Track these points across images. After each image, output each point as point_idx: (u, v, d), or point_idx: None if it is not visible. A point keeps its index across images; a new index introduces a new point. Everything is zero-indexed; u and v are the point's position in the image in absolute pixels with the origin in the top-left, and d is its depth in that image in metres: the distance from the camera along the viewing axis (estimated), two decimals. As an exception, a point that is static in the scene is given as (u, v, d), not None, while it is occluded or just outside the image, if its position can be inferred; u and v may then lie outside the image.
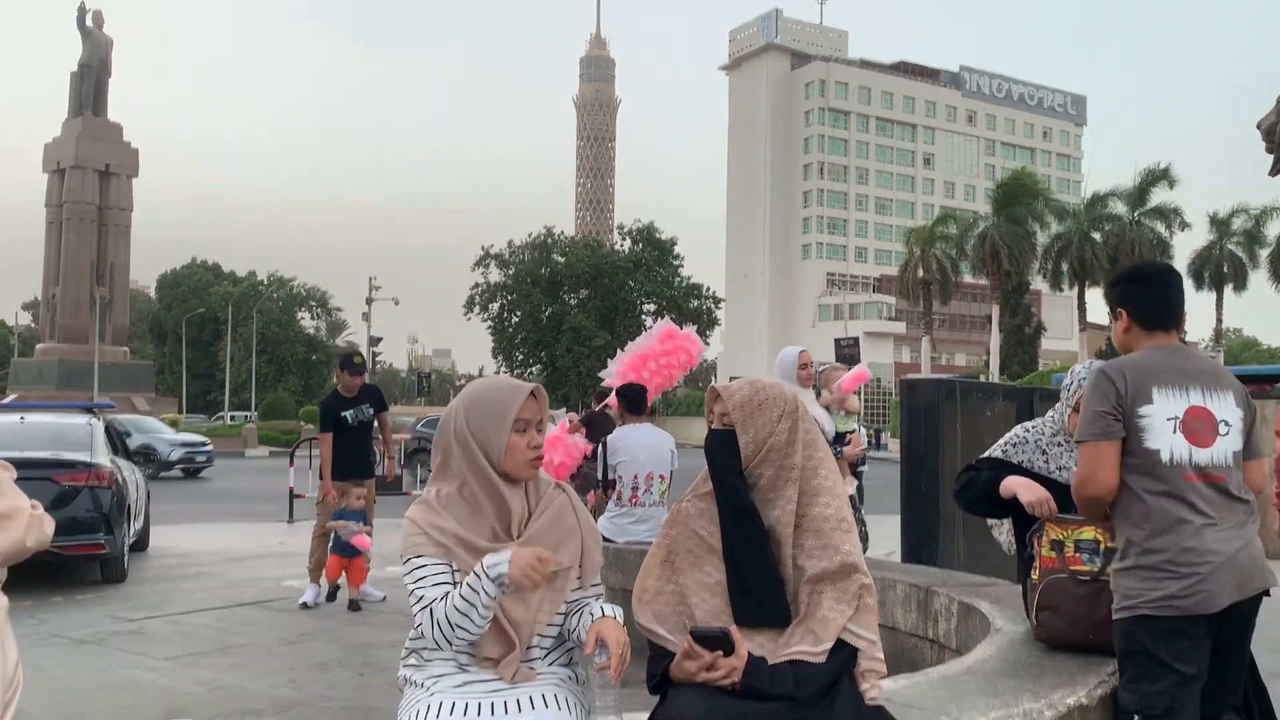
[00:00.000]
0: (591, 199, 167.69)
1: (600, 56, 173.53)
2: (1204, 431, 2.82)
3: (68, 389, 40.59)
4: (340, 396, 8.35)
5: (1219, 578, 2.74)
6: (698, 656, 2.21)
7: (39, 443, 9.25)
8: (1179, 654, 2.76)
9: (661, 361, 7.51)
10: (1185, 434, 2.82)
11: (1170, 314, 3.00)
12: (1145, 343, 2.99)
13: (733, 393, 2.40)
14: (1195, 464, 2.81)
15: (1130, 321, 3.04)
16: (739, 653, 2.20)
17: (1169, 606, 2.76)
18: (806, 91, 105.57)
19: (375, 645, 6.67)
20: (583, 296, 67.64)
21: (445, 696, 2.22)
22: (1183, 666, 2.76)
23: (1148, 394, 2.84)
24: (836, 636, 2.24)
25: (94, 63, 46.61)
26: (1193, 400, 2.84)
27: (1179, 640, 2.76)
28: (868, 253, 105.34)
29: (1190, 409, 2.84)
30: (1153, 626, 2.79)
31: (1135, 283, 3.07)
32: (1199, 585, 2.74)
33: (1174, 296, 3.02)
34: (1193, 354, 2.94)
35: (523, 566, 2.17)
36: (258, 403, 65.40)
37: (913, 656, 4.53)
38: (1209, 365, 2.93)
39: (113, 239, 46.14)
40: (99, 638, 6.88)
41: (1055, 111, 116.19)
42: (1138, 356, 2.94)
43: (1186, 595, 2.75)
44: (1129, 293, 3.05)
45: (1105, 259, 49.56)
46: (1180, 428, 2.82)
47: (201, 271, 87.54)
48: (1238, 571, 2.76)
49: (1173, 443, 2.81)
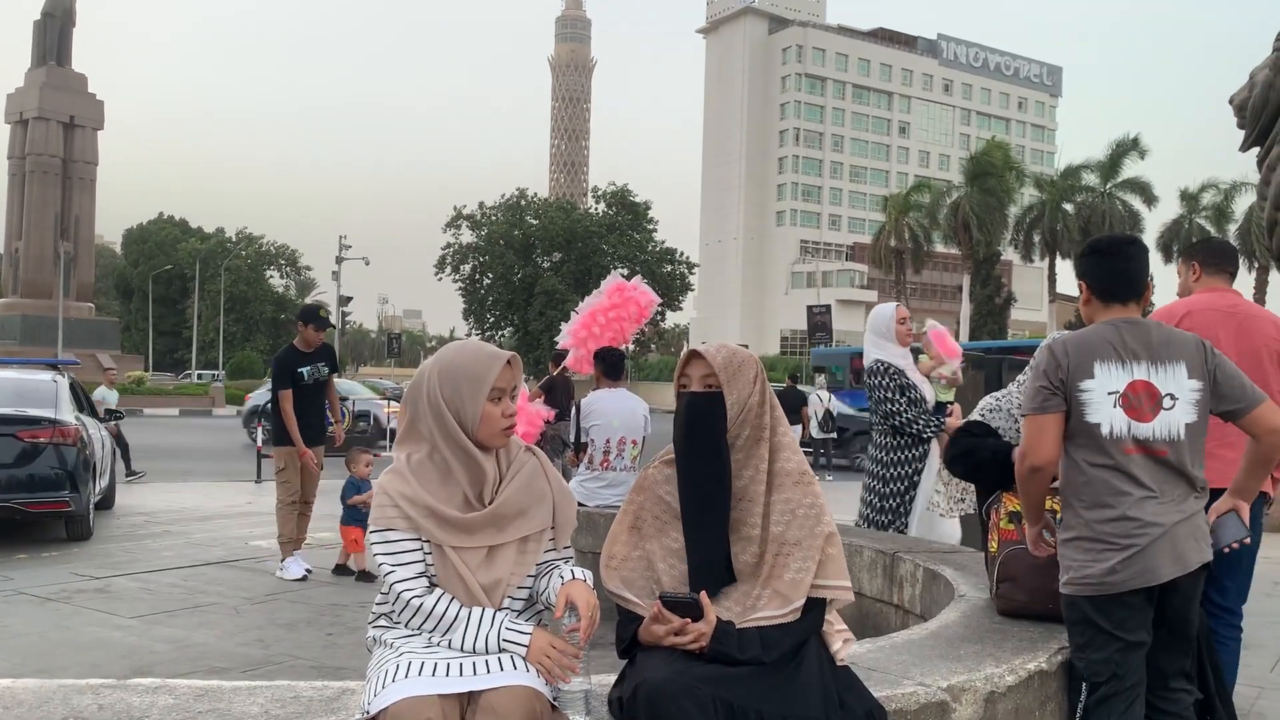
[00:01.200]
0: (566, 160, 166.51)
1: (576, 16, 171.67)
2: (1145, 406, 2.83)
3: (31, 345, 40.03)
4: (298, 352, 7.89)
5: (1158, 550, 2.78)
6: (666, 621, 2.22)
7: (2, 398, 9.13)
8: (1120, 623, 2.82)
9: (610, 315, 7.32)
10: (1125, 408, 2.84)
11: (1126, 286, 3.00)
12: (1102, 315, 3.01)
13: (714, 354, 2.38)
14: (1135, 437, 2.83)
15: (1089, 294, 3.07)
16: (708, 618, 2.22)
17: (1106, 583, 2.81)
18: (784, 57, 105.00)
19: (343, 606, 6.68)
20: (556, 260, 67.30)
21: (414, 657, 2.23)
22: (1124, 635, 2.82)
23: (1089, 369, 2.87)
24: (797, 600, 2.27)
25: (57, 11, 45.53)
26: (1136, 374, 2.85)
27: (1119, 610, 2.82)
28: (841, 221, 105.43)
29: (1132, 383, 2.85)
30: (1093, 599, 2.85)
31: (1094, 255, 3.09)
32: (1137, 557, 2.78)
33: (1132, 268, 3.02)
34: (1148, 326, 2.94)
35: (539, 654, 2.23)
36: (225, 361, 64.85)
37: (877, 621, 4.59)
38: (1162, 337, 2.91)
39: (77, 192, 45.32)
40: (64, 595, 6.84)
41: (1031, 82, 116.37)
42: (1085, 331, 2.98)
43: (1125, 568, 2.79)
44: (1088, 265, 3.09)
45: (1076, 231, 49.95)
46: (1120, 402, 2.84)
47: (168, 227, 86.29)
48: (1176, 545, 2.79)
49: (1112, 416, 2.84)
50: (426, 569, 2.30)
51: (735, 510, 2.35)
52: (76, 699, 2.36)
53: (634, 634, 2.31)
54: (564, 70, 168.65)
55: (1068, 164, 52.90)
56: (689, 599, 2.24)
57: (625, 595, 2.37)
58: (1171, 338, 2.92)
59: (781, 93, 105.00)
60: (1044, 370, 2.93)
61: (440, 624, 2.26)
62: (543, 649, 2.24)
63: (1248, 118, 9.32)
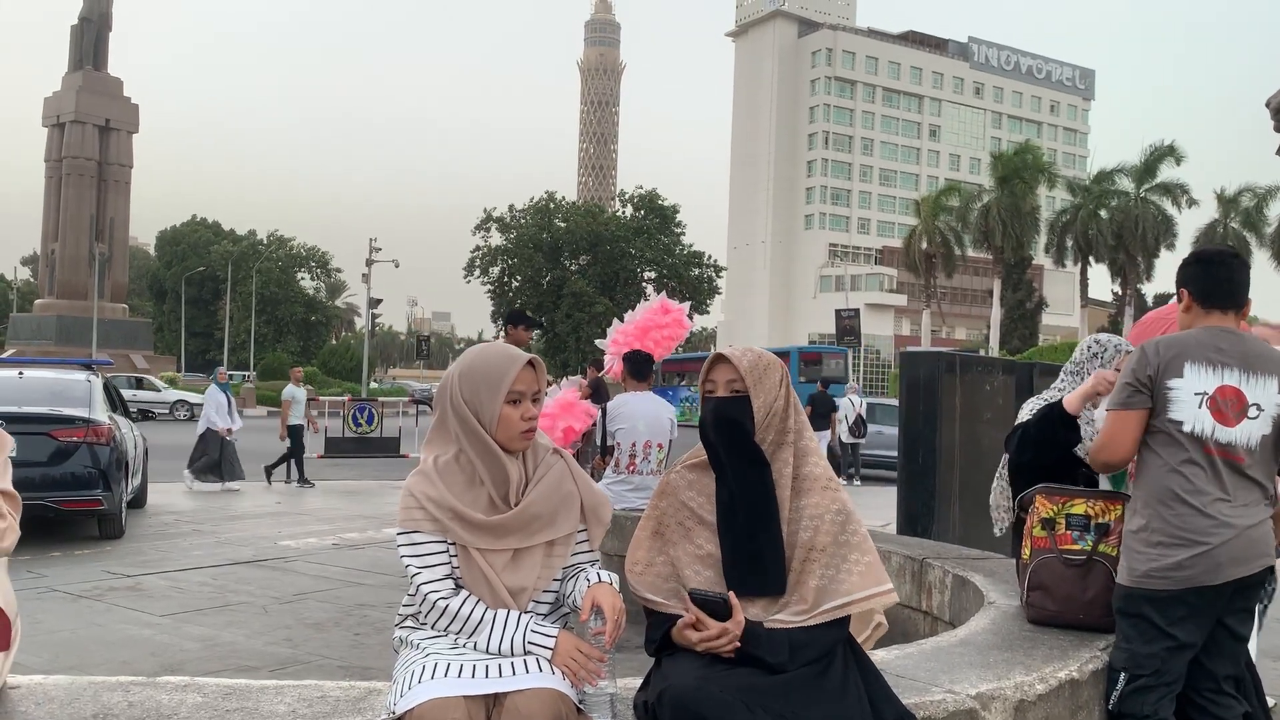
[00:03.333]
0: (594, 164, 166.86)
1: (605, 20, 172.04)
2: (1231, 411, 2.87)
3: (66, 345, 40.59)
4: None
5: (1227, 550, 2.81)
6: (703, 627, 2.21)
7: (38, 398, 9.25)
8: (1175, 621, 2.84)
9: (665, 333, 7.55)
10: (1212, 410, 2.88)
11: (1227, 296, 3.03)
12: (1202, 322, 3.04)
13: (740, 358, 2.36)
14: (1217, 440, 2.87)
15: (1190, 300, 3.08)
16: (736, 619, 2.20)
17: (1171, 577, 2.84)
18: (813, 60, 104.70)
19: (371, 606, 6.71)
20: (583, 262, 67.44)
21: (440, 658, 2.23)
22: (1178, 633, 2.84)
23: (1179, 368, 2.91)
24: (823, 605, 2.25)
25: (94, 16, 46.19)
26: (1226, 379, 2.89)
27: (1178, 607, 2.84)
28: (870, 224, 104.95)
29: (1221, 387, 2.89)
30: (1154, 594, 2.86)
31: (1199, 264, 3.13)
32: (1206, 555, 2.81)
33: (1234, 278, 3.06)
34: (1243, 337, 2.98)
35: (565, 657, 2.22)
36: (256, 362, 65.42)
37: (906, 628, 4.55)
38: (1258, 350, 2.95)
39: (112, 195, 45.92)
40: (96, 593, 6.91)
41: (1063, 85, 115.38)
42: (1180, 334, 3.04)
43: (1192, 565, 2.81)
44: (1191, 273, 3.11)
45: (1109, 235, 49.44)
46: (1207, 404, 2.88)
47: (201, 229, 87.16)
48: (1246, 546, 2.83)
49: (1197, 416, 2.88)
50: (453, 571, 2.31)
51: None
52: (106, 696, 2.38)
53: (666, 633, 2.30)
54: (593, 74, 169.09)
55: (1100, 168, 52.37)
56: (718, 598, 2.23)
57: (652, 598, 2.36)
58: (1268, 352, 2.96)
59: (811, 96, 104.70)
60: (1133, 368, 2.98)
61: (466, 626, 2.26)
62: (568, 652, 2.23)
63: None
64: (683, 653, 2.24)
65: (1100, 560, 3.19)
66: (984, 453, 7.10)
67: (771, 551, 2.30)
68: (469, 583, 2.30)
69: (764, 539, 2.30)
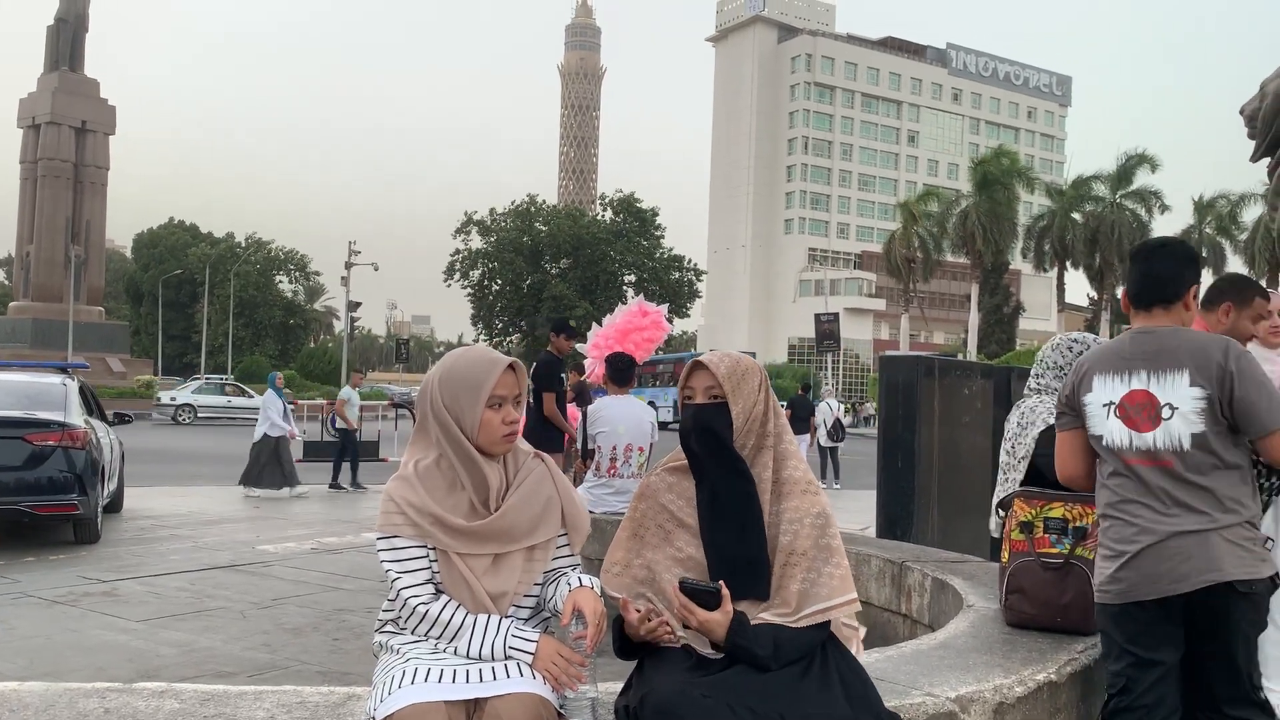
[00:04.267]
0: (575, 168, 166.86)
1: (586, 24, 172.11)
2: (1143, 415, 2.76)
3: (41, 348, 40.14)
4: (558, 359, 8.04)
5: (1145, 562, 2.69)
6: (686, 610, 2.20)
7: (12, 402, 9.16)
8: (1131, 637, 2.75)
9: (644, 335, 7.62)
10: (1122, 419, 2.79)
11: (1144, 292, 2.90)
12: (1134, 324, 2.94)
13: (718, 365, 2.37)
14: (1136, 448, 2.76)
15: (1125, 303, 2.99)
16: (725, 609, 2.20)
17: (1110, 590, 2.77)
18: (792, 65, 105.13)
19: (350, 611, 6.67)
20: (564, 266, 67.40)
21: (420, 663, 2.22)
22: (1137, 650, 2.73)
23: (1089, 382, 2.88)
24: (806, 609, 2.25)
25: (71, 17, 45.75)
26: (1134, 384, 2.79)
27: (1129, 623, 2.75)
28: (850, 229, 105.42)
29: (1129, 394, 2.79)
30: (1106, 608, 2.81)
31: (1130, 260, 3.03)
32: (1126, 568, 2.73)
33: (1151, 272, 2.90)
34: (1159, 334, 2.82)
35: (546, 661, 2.22)
36: (234, 366, 64.97)
37: (885, 631, 4.57)
38: (1172, 344, 2.78)
39: (88, 197, 45.49)
40: (71, 598, 6.85)
41: (1040, 91, 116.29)
42: (1102, 345, 2.99)
43: (1119, 580, 2.74)
44: (1127, 271, 3.03)
45: (1085, 240, 49.88)
46: (1117, 412, 2.80)
47: (179, 232, 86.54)
48: (1170, 558, 2.67)
49: (1109, 428, 2.82)
50: (433, 576, 2.30)
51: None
52: (82, 703, 2.36)
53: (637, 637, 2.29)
54: (573, 78, 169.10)
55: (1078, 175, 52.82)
56: (710, 588, 2.21)
57: (624, 599, 2.36)
58: (1182, 344, 2.77)
59: (790, 101, 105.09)
60: (1061, 389, 2.97)
61: (447, 631, 2.25)
62: (549, 656, 2.23)
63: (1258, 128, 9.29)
64: (665, 657, 2.24)
65: (1078, 564, 3.21)
66: (963, 456, 7.15)
67: (757, 557, 2.30)
68: (449, 588, 2.29)
69: (749, 544, 2.31)
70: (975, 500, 7.22)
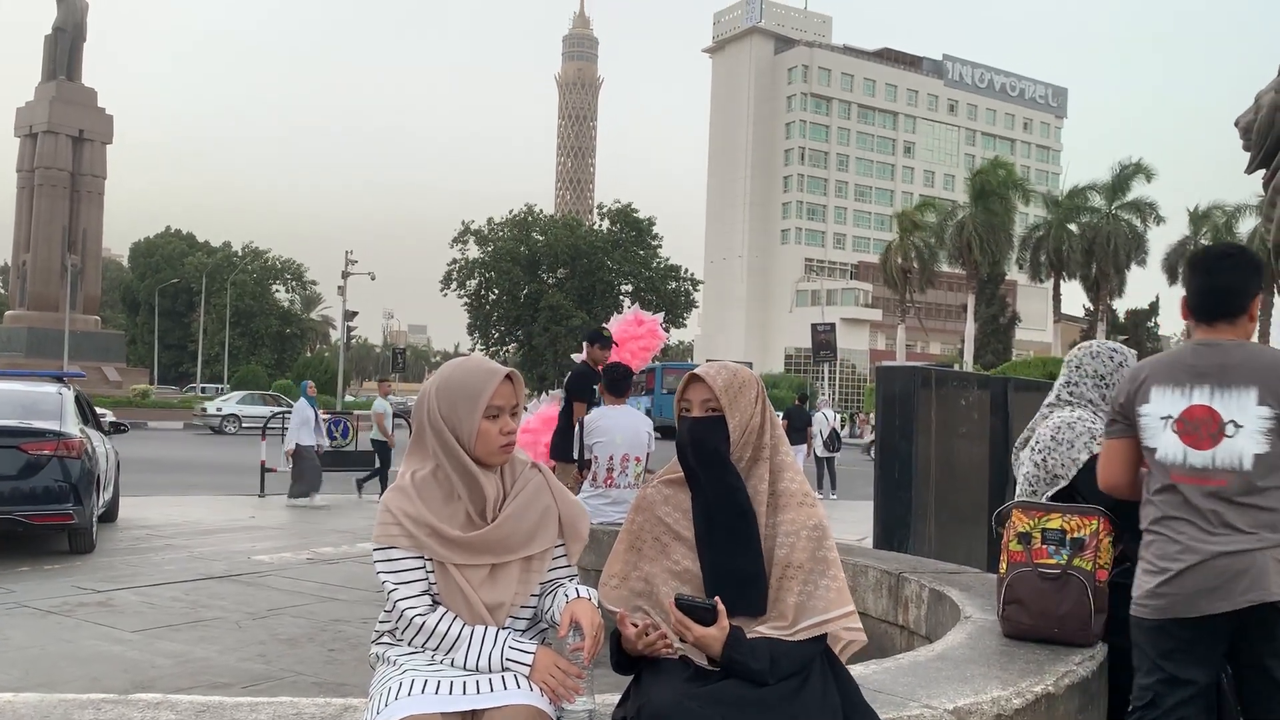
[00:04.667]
0: (572, 178, 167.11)
1: (583, 35, 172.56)
2: (1202, 432, 2.69)
3: (37, 357, 40.08)
4: (592, 369, 7.89)
5: (1189, 579, 2.65)
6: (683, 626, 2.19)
7: (8, 411, 9.13)
8: (1165, 654, 2.72)
9: (640, 344, 7.62)
10: (1180, 434, 2.72)
11: (1210, 305, 2.79)
12: (1196, 335, 2.83)
13: (714, 377, 2.36)
14: (1190, 465, 2.70)
15: (1185, 313, 2.87)
16: (721, 624, 2.19)
17: (1145, 605, 2.75)
18: (789, 76, 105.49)
19: (346, 621, 6.65)
20: (561, 275, 67.41)
21: (417, 674, 2.22)
22: (1170, 667, 2.70)
23: (1146, 393, 2.80)
24: (803, 622, 2.25)
25: (68, 26, 45.82)
26: (1195, 399, 2.72)
27: (1165, 639, 2.72)
28: (846, 239, 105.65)
29: (1189, 408, 2.72)
30: (1141, 622, 2.79)
31: (1188, 269, 2.88)
32: (1168, 584, 2.69)
33: (1217, 285, 2.79)
34: (1226, 348, 2.72)
35: (544, 673, 2.22)
36: (230, 375, 64.88)
37: (882, 643, 4.56)
38: (1238, 359, 2.69)
39: (85, 206, 45.48)
40: (66, 609, 6.82)
41: (1036, 103, 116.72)
42: (1162, 354, 2.89)
43: (1160, 596, 2.71)
44: (1185, 281, 2.87)
45: (1081, 251, 49.99)
46: (1174, 427, 2.73)
47: (175, 241, 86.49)
48: (1216, 577, 2.62)
49: (1165, 442, 2.75)
50: (430, 587, 2.29)
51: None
52: (77, 714, 2.34)
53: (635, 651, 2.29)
54: (571, 88, 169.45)
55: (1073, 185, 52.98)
56: (705, 604, 2.20)
57: (622, 612, 2.35)
58: (1250, 360, 2.69)
59: (787, 112, 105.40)
60: (1117, 393, 2.90)
61: (443, 642, 2.24)
62: (547, 668, 2.22)
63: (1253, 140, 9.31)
64: (662, 668, 2.24)
65: (1075, 575, 3.20)
66: (959, 467, 7.15)
67: (752, 571, 2.30)
68: (446, 599, 2.28)
69: (745, 559, 2.30)
70: (972, 511, 7.23)
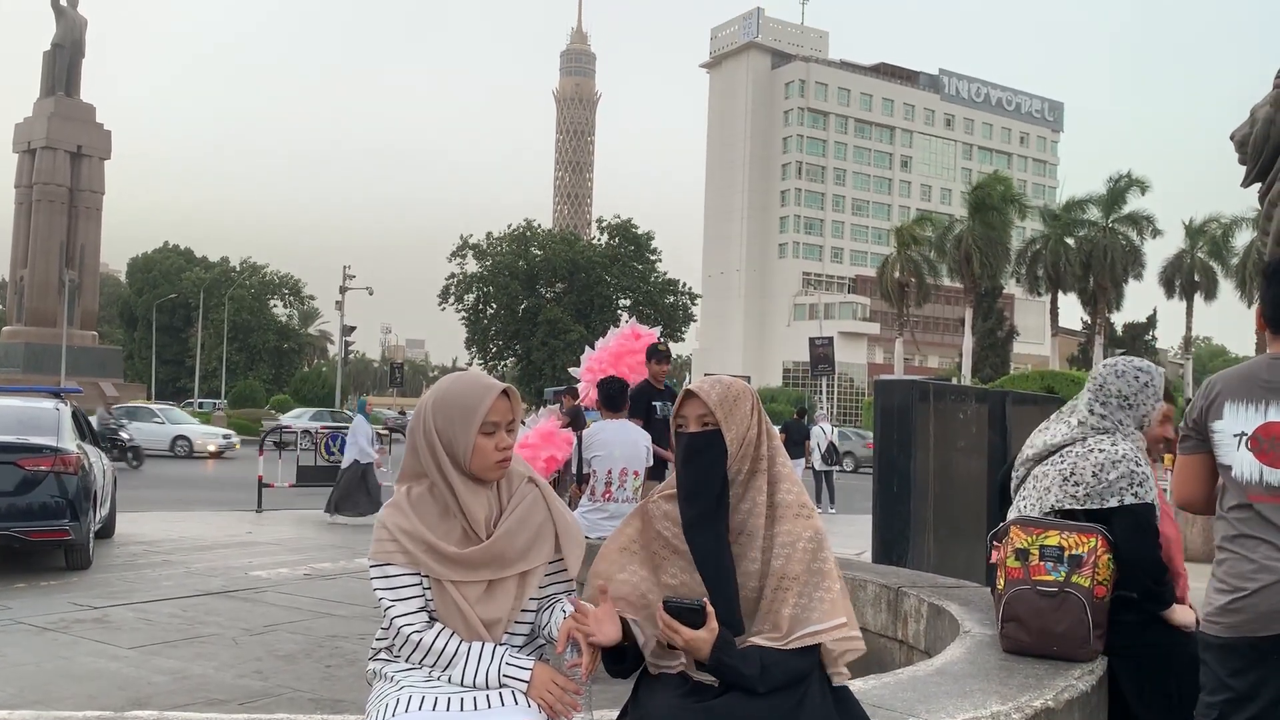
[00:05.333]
0: (570, 193, 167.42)
1: (581, 50, 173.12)
2: (1278, 451, 2.62)
3: (34, 372, 40.01)
4: (652, 386, 7.84)
5: (1263, 599, 2.59)
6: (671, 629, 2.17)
7: (4, 426, 9.12)
8: (1234, 672, 2.67)
9: (638, 358, 7.63)
10: (1255, 451, 2.65)
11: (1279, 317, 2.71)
12: (1272, 347, 2.76)
13: (708, 392, 2.35)
14: (1266, 484, 2.64)
15: (1262, 323, 2.78)
16: (710, 626, 2.17)
17: (1219, 623, 2.70)
18: (786, 91, 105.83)
19: (342, 637, 6.63)
20: (559, 290, 67.47)
21: (414, 691, 2.21)
22: (1236, 685, 2.66)
23: (1220, 408, 2.73)
24: (796, 633, 2.24)
25: (67, 43, 45.92)
26: (1270, 415, 2.65)
27: (1234, 659, 2.67)
28: (843, 253, 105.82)
29: (1264, 425, 2.65)
30: (1210, 640, 2.75)
31: (1265, 278, 2.79)
32: (1246, 601, 2.64)
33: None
34: None
35: (541, 689, 2.21)
36: (227, 390, 64.84)
37: (882, 657, 4.55)
38: None
39: (83, 221, 45.49)
40: (62, 625, 6.79)
41: (1033, 117, 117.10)
42: (1236, 367, 2.82)
43: (1232, 613, 2.66)
44: (1262, 290, 2.79)
45: (1079, 265, 50.10)
46: (1249, 444, 2.67)
47: (173, 256, 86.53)
48: None
49: (1240, 460, 2.68)
50: (426, 603, 2.29)
51: (734, 545, 2.32)
52: (73, 732, 2.33)
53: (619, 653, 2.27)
54: (568, 103, 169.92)
55: (1069, 198, 53.13)
56: (694, 605, 2.18)
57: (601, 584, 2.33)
58: None
59: (784, 127, 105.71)
60: (1191, 409, 2.82)
61: (440, 659, 2.24)
62: (544, 684, 2.21)
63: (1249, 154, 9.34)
64: (660, 682, 2.23)
65: (1073, 592, 3.18)
66: (958, 480, 7.15)
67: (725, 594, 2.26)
68: (443, 615, 2.28)
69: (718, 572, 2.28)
70: (971, 525, 7.22)
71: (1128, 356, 3.60)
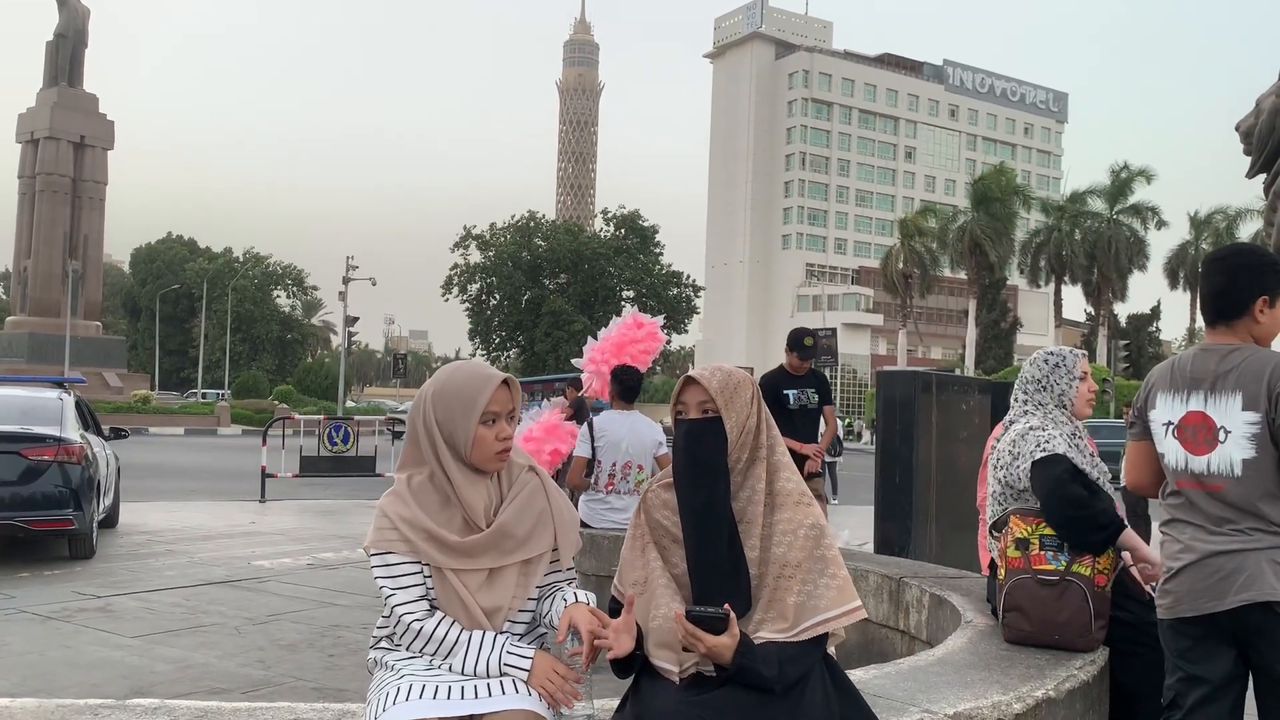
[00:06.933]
0: (573, 183, 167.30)
1: (584, 40, 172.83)
2: (1198, 438, 2.74)
3: (38, 363, 40.14)
4: (786, 373, 7.72)
5: (1186, 578, 2.73)
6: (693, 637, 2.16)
7: (8, 416, 9.13)
8: (1180, 652, 2.79)
9: (641, 347, 7.58)
10: (1180, 440, 2.79)
11: (1206, 309, 2.82)
12: (1208, 338, 2.85)
13: (709, 379, 2.35)
14: (1191, 471, 2.77)
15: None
16: (732, 632, 2.16)
17: (1160, 605, 2.85)
18: (790, 81, 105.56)
19: (345, 627, 6.65)
20: (562, 281, 67.41)
21: (415, 679, 2.21)
22: (1187, 666, 2.77)
23: (1154, 398, 2.88)
24: (805, 623, 2.24)
25: (70, 32, 45.93)
26: (1192, 405, 2.77)
27: (1179, 638, 2.80)
28: (847, 244, 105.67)
29: (1187, 414, 2.78)
30: (1160, 621, 2.88)
31: (1203, 272, 2.89)
32: (1170, 582, 2.79)
33: (1209, 287, 2.82)
34: (1219, 353, 2.75)
35: (542, 678, 2.21)
36: (231, 380, 64.93)
37: (883, 647, 4.55)
38: (1230, 365, 2.70)
39: (86, 211, 45.56)
40: (66, 614, 6.81)
41: (1037, 108, 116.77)
42: (1169, 359, 2.96)
43: (1166, 594, 2.80)
44: (1201, 283, 2.90)
45: (1083, 256, 50.04)
46: (1175, 433, 2.80)
47: (176, 247, 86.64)
48: (1210, 576, 2.67)
49: (1169, 447, 2.83)
50: (427, 592, 2.29)
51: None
52: (75, 719, 2.34)
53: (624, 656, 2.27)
54: (571, 94, 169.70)
55: (1073, 189, 53.03)
56: (717, 614, 2.15)
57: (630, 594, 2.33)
58: (1239, 366, 2.70)
59: (788, 117, 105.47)
60: (1135, 399, 3.00)
61: (441, 647, 2.24)
62: (545, 673, 2.21)
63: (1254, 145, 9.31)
64: (659, 679, 2.22)
65: (1074, 580, 3.19)
66: (960, 471, 7.13)
67: (734, 564, 2.27)
68: (444, 604, 2.28)
69: (727, 553, 2.28)
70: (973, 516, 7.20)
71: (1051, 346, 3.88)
